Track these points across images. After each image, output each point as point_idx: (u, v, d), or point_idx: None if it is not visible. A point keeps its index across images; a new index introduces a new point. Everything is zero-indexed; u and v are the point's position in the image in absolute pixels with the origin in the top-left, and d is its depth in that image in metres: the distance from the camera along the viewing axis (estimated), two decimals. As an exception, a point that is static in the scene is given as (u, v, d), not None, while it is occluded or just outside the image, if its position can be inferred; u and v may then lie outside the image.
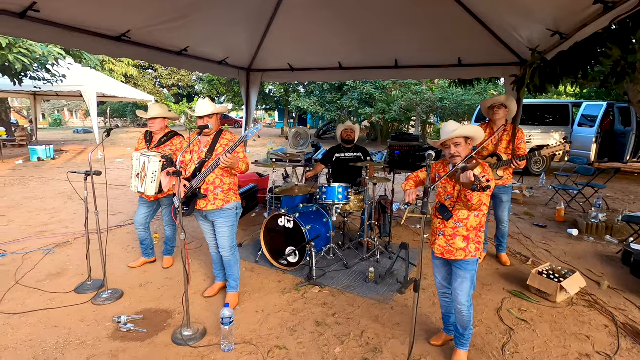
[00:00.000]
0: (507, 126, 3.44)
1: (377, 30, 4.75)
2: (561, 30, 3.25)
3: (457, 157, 2.08)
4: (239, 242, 4.19)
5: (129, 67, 16.30)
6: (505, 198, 3.54)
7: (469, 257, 2.11)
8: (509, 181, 3.51)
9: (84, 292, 3.06)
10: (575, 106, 9.39)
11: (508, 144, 3.39)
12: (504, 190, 3.52)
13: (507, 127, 3.44)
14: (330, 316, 2.79)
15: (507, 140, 3.40)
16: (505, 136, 3.42)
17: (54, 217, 5.10)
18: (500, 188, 3.50)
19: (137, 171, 3.04)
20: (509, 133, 3.40)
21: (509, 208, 3.61)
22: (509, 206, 3.60)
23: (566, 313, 2.86)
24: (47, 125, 31.90)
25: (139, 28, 3.87)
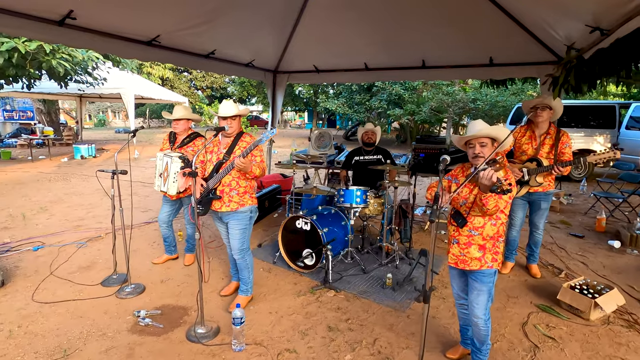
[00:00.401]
0: (551, 129, 3.20)
1: (403, 29, 4.64)
2: (602, 26, 3.02)
3: (480, 157, 1.96)
4: (258, 243, 4.26)
5: (165, 70, 17.07)
6: (544, 205, 3.31)
7: (485, 268, 1.99)
8: (550, 188, 3.25)
9: (109, 285, 3.20)
10: (622, 107, 8.69)
11: (551, 149, 3.15)
12: (543, 197, 3.28)
13: (551, 130, 3.19)
14: (343, 321, 2.74)
15: (549, 144, 3.16)
16: (548, 140, 3.17)
17: (90, 212, 5.41)
18: (540, 195, 3.26)
19: (160, 171, 3.15)
20: (553, 137, 3.16)
21: (546, 215, 3.38)
22: (547, 214, 3.38)
23: (600, 332, 2.64)
24: (93, 125, 34.09)
25: (168, 32, 4.03)
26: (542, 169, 3.06)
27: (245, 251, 2.86)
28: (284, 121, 36.58)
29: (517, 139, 3.30)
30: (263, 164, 2.71)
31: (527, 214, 3.45)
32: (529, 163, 3.19)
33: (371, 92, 16.86)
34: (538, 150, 3.19)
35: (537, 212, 3.33)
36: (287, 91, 23.58)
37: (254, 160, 2.63)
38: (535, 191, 3.23)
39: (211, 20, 4.05)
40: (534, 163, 3.15)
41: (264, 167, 2.71)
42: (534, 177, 3.12)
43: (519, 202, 3.34)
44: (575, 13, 3.18)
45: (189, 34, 4.18)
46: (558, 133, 3.16)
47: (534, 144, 3.22)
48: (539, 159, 3.13)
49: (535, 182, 3.12)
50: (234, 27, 4.47)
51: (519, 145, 3.31)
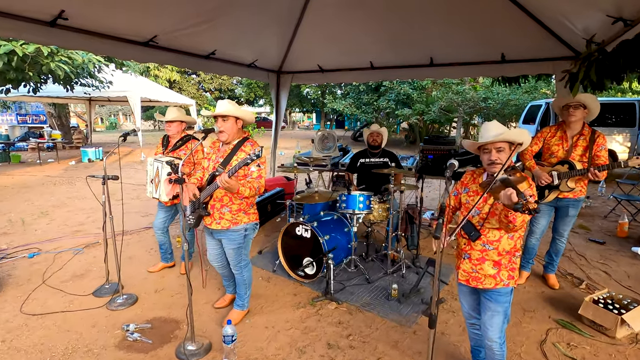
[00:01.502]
0: (585, 130, 2.92)
1: (409, 26, 4.43)
2: (625, 16, 2.76)
3: (498, 164, 1.74)
4: (259, 249, 4.10)
5: (173, 72, 17.13)
6: (573, 212, 3.03)
7: (500, 287, 1.78)
8: (582, 194, 2.98)
9: (101, 295, 3.08)
10: (643, 105, 8.29)
11: (584, 151, 2.88)
12: (573, 204, 3.00)
13: (585, 130, 2.92)
14: (344, 338, 2.55)
15: (583, 146, 2.89)
16: (581, 141, 2.90)
17: (90, 217, 5.33)
18: (570, 201, 2.99)
19: (152, 177, 3.01)
20: (587, 138, 2.88)
21: (573, 223, 3.11)
22: (574, 222, 3.11)
23: (629, 353, 2.39)
24: (104, 128, 34.57)
25: (166, 33, 3.89)
26: (575, 172, 2.79)
27: (243, 267, 2.66)
28: (292, 122, 36.52)
29: (546, 139, 3.05)
30: (259, 181, 2.37)
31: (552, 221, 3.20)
32: (560, 166, 2.92)
33: (379, 92, 16.61)
34: (570, 152, 2.92)
35: (563, 219, 3.07)
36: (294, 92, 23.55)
37: (249, 175, 2.37)
38: (565, 197, 2.97)
39: (210, 20, 3.91)
40: (565, 166, 2.89)
41: (261, 185, 2.39)
42: (565, 182, 2.85)
43: (545, 208, 3.08)
44: (596, 2, 2.94)
45: (188, 34, 4.05)
46: (593, 134, 2.88)
47: (565, 146, 2.95)
48: (571, 161, 2.86)
49: (567, 186, 2.86)
50: (234, 27, 4.32)
51: (548, 146, 3.04)
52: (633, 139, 8.04)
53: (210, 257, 2.70)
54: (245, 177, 2.39)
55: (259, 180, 2.39)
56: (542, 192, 3.02)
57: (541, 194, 3.02)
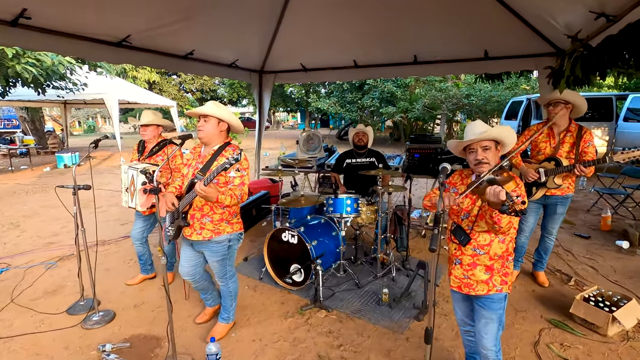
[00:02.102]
0: (572, 126, 2.92)
1: (393, 24, 4.36)
2: (607, 12, 2.75)
3: (484, 164, 1.67)
4: (244, 256, 3.95)
5: (152, 73, 16.64)
6: (561, 210, 3.02)
7: (493, 292, 1.71)
8: (570, 191, 2.97)
9: (75, 313, 2.88)
10: (619, 99, 8.50)
11: (571, 148, 2.87)
12: (561, 201, 2.99)
13: (572, 127, 2.92)
14: (335, 348, 2.45)
15: (570, 142, 2.88)
16: (568, 138, 2.89)
17: (65, 227, 5.06)
18: (558, 198, 2.98)
19: (126, 185, 2.84)
20: (574, 134, 2.88)
21: (561, 220, 3.10)
22: (562, 219, 3.10)
23: (621, 351, 2.37)
24: (82, 132, 33.48)
25: (139, 32, 3.71)
26: (562, 169, 2.78)
27: (229, 278, 2.52)
28: (277, 122, 36.22)
29: (534, 137, 3.03)
30: (242, 188, 2.23)
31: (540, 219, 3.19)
32: (547, 163, 2.91)
33: (363, 90, 16.59)
34: (557, 149, 2.91)
35: (552, 216, 3.05)
36: (278, 92, 23.31)
37: (231, 182, 2.23)
38: (553, 194, 2.95)
39: (186, 18, 3.74)
40: (552, 163, 2.87)
41: (243, 192, 2.24)
42: (552, 179, 2.84)
43: (533, 206, 3.06)
44: (579, -2, 2.93)
45: (163, 33, 3.87)
46: (580, 130, 2.88)
47: (552, 142, 2.95)
48: (557, 158, 2.85)
49: (554, 183, 2.84)
50: (213, 26, 4.16)
51: (535, 143, 3.04)
52: (611, 132, 8.23)
53: (182, 270, 2.50)
54: (226, 184, 2.26)
55: (241, 187, 2.25)
56: (530, 190, 3.00)
57: (529, 191, 3.00)
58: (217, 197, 2.11)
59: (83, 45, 3.47)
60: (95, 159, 13.15)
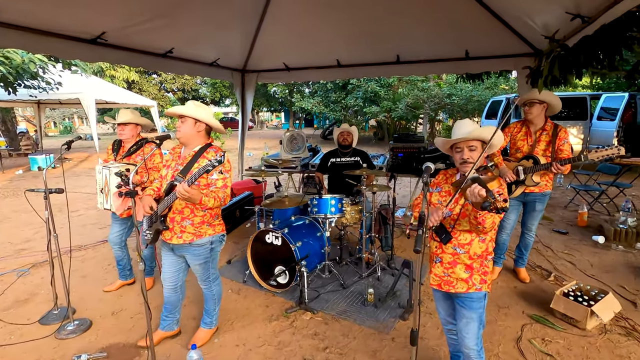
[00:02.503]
0: (547, 125, 2.99)
1: (376, 24, 4.37)
2: (582, 13, 2.81)
3: (469, 163, 1.67)
4: (228, 259, 3.87)
5: (131, 72, 16.20)
6: (540, 207, 3.09)
7: (473, 291, 1.71)
8: (547, 188, 3.04)
9: (48, 322, 2.75)
10: (593, 99, 8.80)
11: (547, 146, 2.93)
12: (540, 198, 3.06)
13: (547, 125, 2.98)
14: (320, 351, 2.42)
15: (546, 141, 2.95)
16: (544, 136, 2.96)
17: (38, 233, 4.85)
18: (537, 195, 3.05)
19: (101, 186, 2.73)
20: (549, 133, 2.94)
21: (540, 217, 3.17)
22: (541, 216, 3.17)
23: (599, 344, 2.43)
24: (58, 132, 32.33)
25: (115, 29, 3.58)
26: (539, 167, 2.84)
27: (212, 281, 2.45)
28: (260, 122, 35.93)
29: (512, 135, 3.10)
30: (224, 190, 2.17)
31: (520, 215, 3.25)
32: (525, 161, 2.97)
33: (347, 90, 16.64)
34: (534, 147, 2.97)
35: (531, 213, 3.12)
36: (261, 91, 23.12)
37: (213, 184, 2.16)
38: (532, 192, 3.02)
39: (164, 15, 3.64)
40: (530, 161, 2.93)
41: (226, 194, 2.18)
42: (530, 176, 2.89)
43: (513, 203, 3.11)
44: (555, 0, 2.99)
45: (140, 30, 3.74)
46: (555, 129, 2.95)
47: (529, 141, 3.01)
48: (535, 156, 2.91)
49: (532, 181, 2.90)
50: (192, 24, 4.05)
51: (513, 142, 3.10)
52: (586, 131, 8.50)
53: (164, 275, 2.41)
54: (207, 187, 2.19)
55: (224, 189, 2.18)
56: (509, 188, 3.05)
57: (508, 189, 3.05)
58: (201, 199, 2.05)
59: (55, 42, 3.32)
60: (72, 161, 12.72)
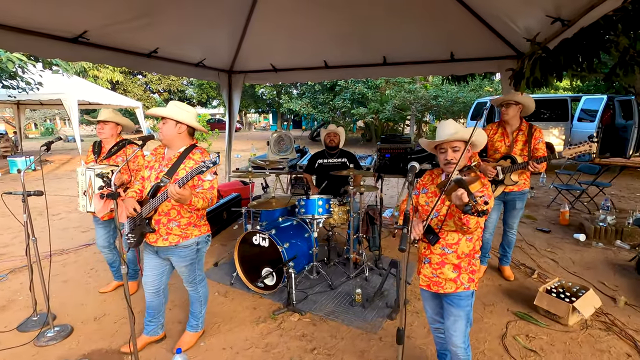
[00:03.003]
0: (523, 125, 3.06)
1: (363, 25, 4.40)
2: (562, 16, 2.89)
3: (454, 164, 1.69)
4: (215, 261, 3.83)
5: (115, 73, 15.88)
6: (519, 205, 3.16)
7: (461, 290, 1.73)
8: (525, 187, 3.12)
9: (27, 329, 2.66)
10: (574, 100, 9.05)
11: (524, 145, 3.01)
12: (519, 197, 3.13)
13: (523, 126, 3.06)
14: (308, 352, 2.41)
15: (522, 140, 3.02)
16: (520, 136, 3.03)
17: (17, 237, 4.70)
18: (516, 194, 3.12)
19: (84, 188, 2.66)
20: (525, 133, 3.02)
21: (521, 215, 3.24)
22: (522, 214, 3.23)
23: (581, 339, 2.49)
24: (39, 134, 31.44)
25: (97, 28, 3.50)
26: (517, 166, 2.92)
27: (198, 283, 2.42)
28: (248, 123, 35.71)
29: (489, 136, 3.17)
30: (212, 191, 2.16)
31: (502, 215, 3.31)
32: (503, 161, 3.04)
33: (334, 91, 16.68)
34: (511, 147, 3.05)
35: (511, 212, 3.19)
36: (249, 92, 23.00)
37: (199, 186, 2.14)
38: (511, 190, 3.09)
39: (148, 14, 3.58)
40: (507, 161, 3.00)
41: (213, 196, 2.17)
42: (508, 176, 2.96)
43: (494, 202, 3.17)
44: (535, 3, 3.06)
45: (123, 29, 3.67)
46: (530, 129, 3.03)
47: (506, 142, 3.08)
48: (512, 156, 2.99)
49: (511, 180, 2.97)
50: (177, 23, 4.00)
51: (491, 143, 3.17)
52: (567, 132, 8.73)
53: (145, 279, 2.36)
54: (194, 188, 2.16)
55: (211, 191, 2.16)
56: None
57: None
58: (191, 200, 2.03)
59: (35, 41, 3.22)
60: (53, 163, 12.39)
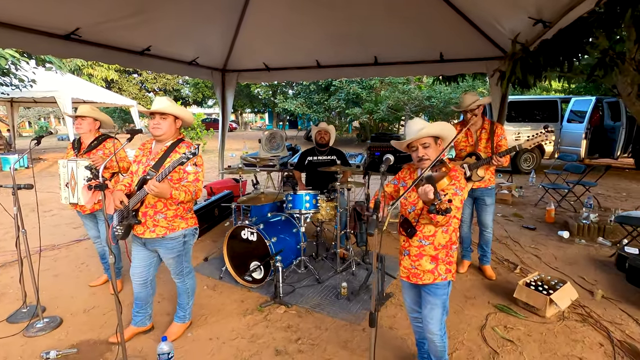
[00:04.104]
0: (485, 123, 3.18)
1: (354, 25, 4.47)
2: (544, 18, 2.98)
3: (426, 160, 1.78)
4: (205, 256, 3.88)
5: (110, 71, 15.86)
6: (489, 201, 3.26)
7: (439, 281, 1.81)
8: (492, 183, 3.24)
9: (16, 321, 2.70)
10: (563, 102, 9.19)
11: (487, 142, 3.13)
12: (487, 193, 3.24)
13: (485, 124, 3.18)
14: (293, 342, 2.47)
15: (485, 138, 3.14)
16: (483, 134, 3.15)
17: (9, 233, 4.72)
18: (483, 190, 3.24)
19: (66, 180, 2.70)
20: (488, 130, 3.14)
21: (493, 211, 3.33)
22: (494, 209, 3.32)
23: (557, 330, 2.57)
24: (33, 132, 31.23)
25: (89, 25, 3.53)
26: (481, 162, 3.03)
27: (186, 275, 2.47)
28: (244, 123, 35.72)
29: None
30: (196, 184, 2.21)
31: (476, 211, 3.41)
32: (469, 158, 3.15)
33: (329, 91, 16.77)
34: (476, 145, 3.16)
35: (483, 208, 3.29)
36: (245, 92, 23.02)
37: (185, 179, 2.20)
38: (478, 187, 3.21)
39: (141, 12, 3.62)
40: (473, 157, 3.12)
41: (198, 189, 2.22)
42: (475, 172, 3.07)
43: (465, 199, 3.29)
44: (519, 5, 3.15)
45: (116, 27, 3.71)
46: (492, 126, 3.15)
47: (470, 140, 3.21)
48: (477, 153, 3.11)
49: (477, 176, 3.08)
50: (170, 21, 4.05)
51: (457, 143, 3.29)
52: (557, 133, 8.87)
53: (133, 271, 2.41)
54: (180, 181, 2.22)
55: (195, 184, 2.22)
56: None
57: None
58: (171, 193, 2.08)
59: (26, 37, 3.25)
60: (47, 161, 12.34)
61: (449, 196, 1.58)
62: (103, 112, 3.16)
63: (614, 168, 9.45)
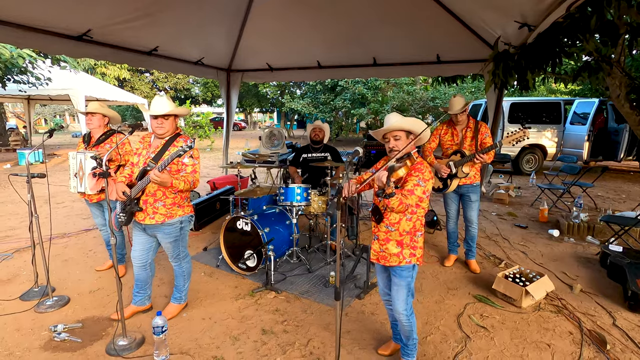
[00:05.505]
0: (470, 122, 3.32)
1: (355, 28, 4.65)
2: (529, 22, 3.12)
3: (395, 151, 1.95)
4: (204, 246, 4.09)
5: (122, 70, 16.31)
6: (474, 197, 3.40)
7: (404, 264, 1.97)
8: (477, 179, 3.37)
9: (28, 299, 2.94)
10: (567, 104, 9.19)
11: (472, 140, 3.27)
12: (471, 190, 3.38)
13: (470, 123, 3.32)
14: (279, 323, 2.66)
15: (470, 136, 3.28)
16: (468, 133, 3.30)
17: (24, 221, 5.01)
18: (469, 187, 3.37)
19: (75, 170, 2.94)
20: (472, 129, 3.28)
21: (478, 208, 3.46)
22: (478, 206, 3.45)
23: (530, 319, 2.70)
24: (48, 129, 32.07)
25: (100, 27, 3.79)
26: (465, 159, 3.17)
27: (182, 259, 2.68)
28: (253, 122, 36.12)
29: (441, 136, 3.43)
30: (194, 175, 2.40)
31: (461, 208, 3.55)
32: (454, 156, 3.30)
33: (335, 92, 16.93)
34: (461, 143, 3.30)
35: (469, 205, 3.41)
36: (252, 92, 23.30)
37: (183, 170, 2.41)
38: (464, 183, 3.33)
39: (149, 14, 3.86)
40: (458, 155, 3.27)
41: (195, 179, 2.42)
42: (460, 169, 3.20)
43: (451, 195, 3.45)
44: (505, 10, 3.28)
45: (125, 28, 3.96)
46: (476, 124, 3.28)
47: (456, 139, 3.35)
48: (462, 150, 3.25)
49: (463, 172, 3.21)
50: (177, 23, 4.28)
51: (443, 142, 3.44)
52: (560, 134, 8.88)
53: (134, 255, 2.61)
54: (178, 172, 2.43)
55: (193, 174, 2.42)
56: (446, 182, 3.35)
57: (445, 184, 3.36)
58: (172, 182, 2.28)
59: (42, 38, 3.53)
60: (61, 157, 12.78)
61: (410, 186, 1.73)
62: (115, 109, 3.41)
63: (617, 171, 9.42)
